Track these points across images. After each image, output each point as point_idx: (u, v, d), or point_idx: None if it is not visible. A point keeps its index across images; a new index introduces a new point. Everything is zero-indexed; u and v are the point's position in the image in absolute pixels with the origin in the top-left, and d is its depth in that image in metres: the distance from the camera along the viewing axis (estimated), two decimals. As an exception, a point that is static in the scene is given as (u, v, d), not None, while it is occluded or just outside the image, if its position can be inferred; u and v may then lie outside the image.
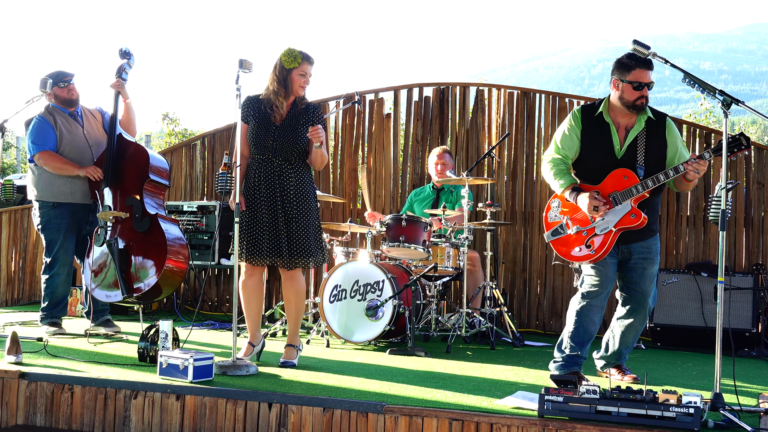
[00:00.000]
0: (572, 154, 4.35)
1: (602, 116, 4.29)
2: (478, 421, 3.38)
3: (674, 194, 6.83)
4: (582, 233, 4.26)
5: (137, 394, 3.89)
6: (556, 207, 4.40)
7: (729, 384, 3.82)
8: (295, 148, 4.55)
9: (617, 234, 4.19)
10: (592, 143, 4.29)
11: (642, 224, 4.17)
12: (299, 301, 4.67)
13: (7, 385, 4.09)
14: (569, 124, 4.36)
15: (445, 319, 6.03)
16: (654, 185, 4.13)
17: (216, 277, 7.91)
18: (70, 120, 5.71)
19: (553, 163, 4.36)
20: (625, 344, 4.46)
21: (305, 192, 4.59)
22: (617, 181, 4.20)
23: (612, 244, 4.20)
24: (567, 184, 4.28)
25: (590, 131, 4.30)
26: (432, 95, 7.51)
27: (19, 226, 8.25)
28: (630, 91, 4.17)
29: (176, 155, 8.12)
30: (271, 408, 3.69)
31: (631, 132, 4.25)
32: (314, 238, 4.61)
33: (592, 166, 4.31)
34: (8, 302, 8.19)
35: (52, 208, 5.65)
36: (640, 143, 4.22)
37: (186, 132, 16.61)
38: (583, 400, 3.26)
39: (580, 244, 4.27)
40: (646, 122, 4.25)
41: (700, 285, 6.25)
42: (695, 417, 3.14)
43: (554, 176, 4.33)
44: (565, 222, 4.33)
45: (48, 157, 5.57)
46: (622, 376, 4.41)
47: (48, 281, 5.71)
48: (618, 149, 4.25)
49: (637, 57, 4.12)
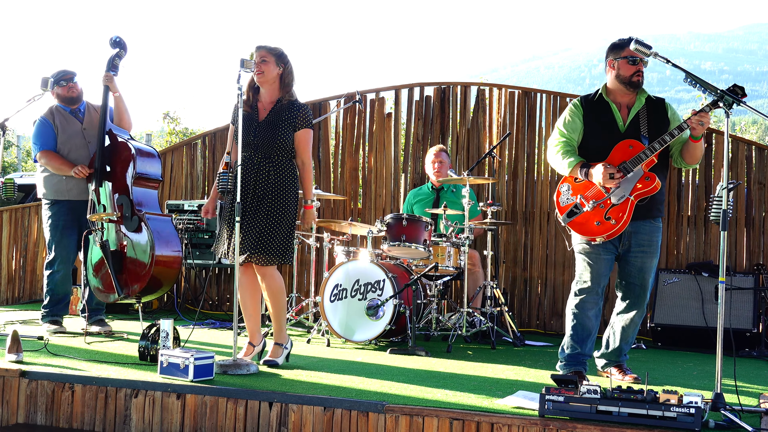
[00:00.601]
0: (576, 136, 4.38)
1: (602, 98, 4.38)
2: (478, 421, 3.38)
3: (675, 194, 6.83)
4: (599, 206, 4.26)
5: (138, 393, 3.89)
6: (567, 190, 4.40)
7: (730, 384, 3.82)
8: (275, 145, 4.49)
9: (634, 202, 4.20)
10: (596, 123, 4.35)
11: (657, 188, 4.19)
12: (275, 299, 4.55)
13: (8, 384, 4.09)
14: (570, 111, 4.43)
15: (446, 319, 6.03)
16: (661, 146, 4.15)
17: (217, 276, 7.91)
18: (70, 118, 5.76)
19: (560, 146, 4.38)
20: (625, 339, 4.46)
21: (280, 189, 4.48)
22: (624, 152, 4.23)
23: (631, 213, 4.20)
24: (576, 162, 4.30)
25: (592, 113, 4.37)
26: (433, 95, 7.51)
27: (20, 225, 8.25)
28: (626, 66, 4.25)
29: (177, 154, 8.12)
30: (272, 407, 3.68)
31: (632, 109, 4.33)
32: (277, 236, 4.47)
33: (597, 145, 4.33)
34: (9, 301, 8.20)
35: (52, 205, 5.74)
36: (642, 118, 4.30)
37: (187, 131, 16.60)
38: (584, 400, 3.26)
39: (599, 218, 4.26)
40: (645, 99, 4.33)
41: (701, 285, 6.25)
42: (696, 417, 3.13)
43: (562, 156, 4.35)
44: (580, 201, 4.32)
45: (47, 156, 5.66)
46: (623, 376, 4.40)
47: (49, 278, 5.75)
48: (621, 125, 4.31)
49: (628, 37, 4.17)
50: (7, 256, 8.23)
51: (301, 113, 4.56)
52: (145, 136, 16.83)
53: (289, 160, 4.57)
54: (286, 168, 4.54)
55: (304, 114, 4.57)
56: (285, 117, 4.52)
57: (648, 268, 4.34)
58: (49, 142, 5.68)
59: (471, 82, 7.64)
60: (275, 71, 4.54)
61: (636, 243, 4.32)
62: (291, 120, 4.52)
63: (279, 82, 4.58)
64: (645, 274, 4.34)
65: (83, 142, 5.71)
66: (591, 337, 4.39)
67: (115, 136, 5.52)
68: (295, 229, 4.63)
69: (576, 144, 4.39)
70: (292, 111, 4.54)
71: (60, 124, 5.71)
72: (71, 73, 5.76)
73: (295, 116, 4.54)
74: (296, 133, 4.54)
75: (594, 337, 4.41)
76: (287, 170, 4.54)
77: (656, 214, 4.35)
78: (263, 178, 4.49)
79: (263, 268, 4.50)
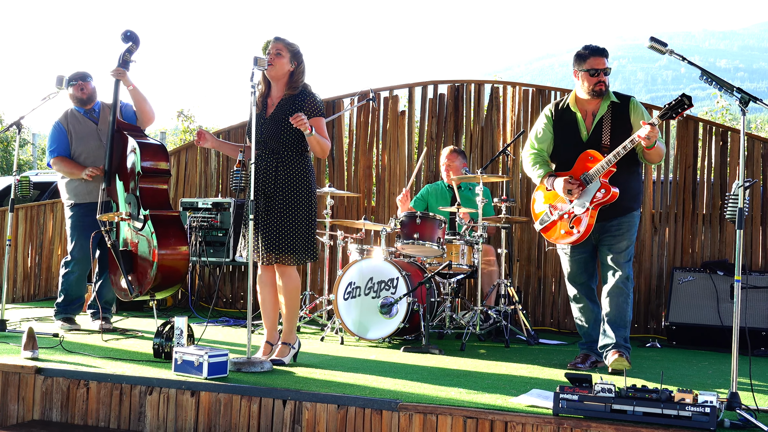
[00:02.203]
0: (547, 147, 4.76)
1: (569, 107, 4.67)
2: (492, 419, 3.37)
3: (690, 192, 6.79)
4: (563, 217, 4.65)
5: (152, 390, 3.90)
6: (540, 198, 4.83)
7: (745, 383, 3.83)
8: (281, 139, 4.41)
9: (595, 210, 4.50)
10: (562, 134, 4.69)
11: (613, 197, 4.48)
12: (289, 299, 4.50)
13: (24, 381, 4.11)
14: (542, 121, 4.79)
15: (460, 317, 6.01)
16: (616, 159, 4.42)
17: (231, 273, 7.93)
18: (84, 120, 5.79)
19: (531, 157, 4.79)
20: (611, 320, 4.54)
21: (293, 185, 4.43)
22: (585, 163, 4.56)
23: (593, 222, 4.51)
24: (544, 173, 4.72)
25: (560, 123, 4.71)
26: (447, 93, 7.49)
27: (35, 223, 8.31)
28: (587, 78, 4.57)
29: (191, 152, 8.14)
30: (286, 405, 3.68)
31: (596, 116, 4.59)
32: (296, 234, 4.42)
33: (565, 155, 4.68)
34: (24, 298, 8.25)
35: (73, 207, 5.79)
36: (605, 125, 4.56)
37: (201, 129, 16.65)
38: (599, 399, 3.24)
39: (564, 227, 4.65)
40: (609, 105, 4.59)
41: (716, 283, 6.21)
42: (711, 416, 3.10)
43: (532, 168, 4.78)
44: (549, 210, 4.73)
45: (59, 162, 5.74)
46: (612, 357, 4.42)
47: (64, 277, 5.79)
48: (585, 134, 4.62)
49: (591, 47, 4.62)
50: (22, 254, 8.29)
51: (308, 101, 4.44)
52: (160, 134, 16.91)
53: (299, 155, 4.48)
54: (296, 163, 4.46)
55: (312, 101, 4.45)
56: (291, 110, 4.41)
57: (617, 249, 4.58)
58: (62, 147, 5.74)
59: (485, 80, 7.61)
60: (287, 67, 4.46)
61: (605, 231, 4.61)
62: (296, 110, 4.40)
63: (288, 78, 4.49)
64: (611, 253, 4.58)
65: (99, 142, 5.72)
66: (594, 319, 4.73)
67: (124, 132, 5.42)
68: (315, 224, 4.56)
69: (547, 154, 4.78)
70: (296, 100, 4.44)
71: (73, 127, 5.75)
72: (83, 73, 5.78)
73: (302, 105, 4.43)
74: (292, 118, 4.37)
75: (597, 319, 4.71)
76: (297, 166, 4.46)
77: (626, 210, 4.60)
78: (272, 174, 4.44)
79: (283, 267, 4.47)
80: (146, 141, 5.39)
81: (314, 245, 4.54)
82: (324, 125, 4.50)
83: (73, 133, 5.74)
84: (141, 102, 5.64)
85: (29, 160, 19.25)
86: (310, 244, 4.50)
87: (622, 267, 4.55)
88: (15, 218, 8.10)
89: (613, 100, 4.60)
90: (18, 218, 8.21)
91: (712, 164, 6.85)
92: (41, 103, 5.57)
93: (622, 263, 4.56)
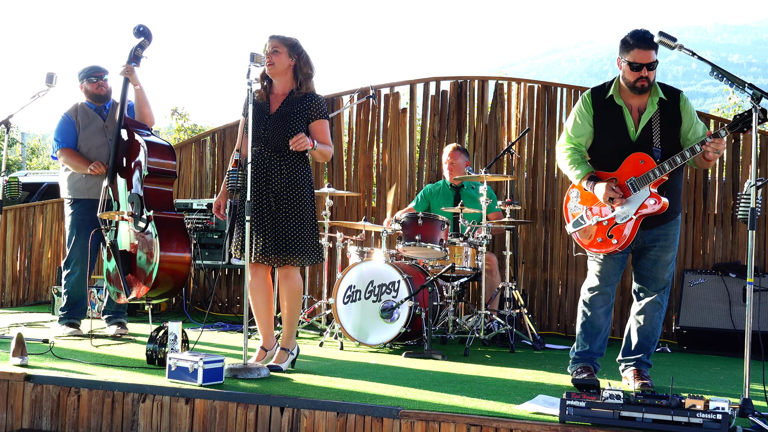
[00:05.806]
0: (585, 141, 4.26)
1: (613, 99, 4.18)
2: (497, 427, 3.32)
3: (701, 191, 6.68)
4: (602, 223, 4.18)
5: (145, 398, 3.85)
6: (575, 197, 4.33)
7: (758, 389, 3.75)
8: (286, 139, 4.38)
9: (638, 221, 4.09)
10: (606, 128, 4.19)
11: (663, 209, 4.05)
12: (292, 302, 4.49)
13: (12, 388, 4.05)
14: (580, 110, 4.26)
15: (463, 321, 5.93)
16: (671, 168, 4.01)
17: (226, 277, 7.82)
18: (93, 115, 5.74)
19: (568, 153, 4.27)
20: (644, 335, 4.27)
21: (296, 185, 4.40)
22: (634, 167, 4.09)
23: (635, 232, 4.09)
24: (584, 174, 4.19)
25: (602, 115, 4.19)
26: (449, 89, 7.39)
27: (24, 225, 8.21)
28: (629, 72, 4.05)
29: (185, 151, 8.04)
30: (283, 412, 3.63)
31: (644, 115, 4.13)
32: (304, 235, 4.42)
33: (607, 151, 4.20)
34: (13, 303, 8.15)
35: (73, 203, 5.73)
36: (655, 126, 4.11)
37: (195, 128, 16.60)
38: (607, 406, 3.20)
39: (601, 234, 4.18)
40: (658, 103, 4.12)
41: (728, 286, 6.11)
42: (723, 423, 3.07)
43: (570, 166, 4.24)
44: (585, 213, 4.25)
45: (66, 154, 5.67)
46: (636, 381, 4.20)
47: (66, 279, 5.73)
48: (633, 132, 4.13)
49: (639, 35, 4.01)
50: (11, 257, 8.20)
51: (315, 103, 4.45)
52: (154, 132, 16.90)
53: (302, 155, 4.45)
54: (299, 163, 4.44)
55: (318, 104, 4.46)
56: (298, 109, 4.41)
57: (662, 263, 4.20)
58: (70, 139, 5.68)
59: (489, 77, 7.50)
60: (287, 62, 4.44)
61: (650, 240, 4.19)
62: (304, 112, 4.42)
63: (292, 73, 4.46)
64: (658, 266, 4.20)
65: (104, 139, 5.67)
66: (601, 335, 4.31)
67: (132, 131, 5.33)
68: (318, 226, 4.56)
69: (585, 148, 4.28)
70: (305, 102, 4.44)
71: (82, 121, 5.70)
72: (103, 70, 5.74)
73: (308, 107, 4.43)
74: (311, 124, 4.43)
75: (605, 335, 4.34)
76: (300, 166, 4.44)
77: (671, 217, 4.19)
78: (275, 174, 4.39)
79: (288, 269, 4.45)
80: (154, 140, 5.33)
81: (321, 246, 4.58)
82: (327, 128, 4.51)
83: (81, 126, 5.70)
84: (143, 104, 5.61)
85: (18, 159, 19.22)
86: (318, 245, 4.52)
87: (666, 281, 4.24)
88: (3, 220, 8.00)
89: (661, 96, 4.10)
90: (6, 220, 8.12)
91: (724, 163, 6.72)
92: (30, 101, 5.48)
93: (665, 277, 4.23)
